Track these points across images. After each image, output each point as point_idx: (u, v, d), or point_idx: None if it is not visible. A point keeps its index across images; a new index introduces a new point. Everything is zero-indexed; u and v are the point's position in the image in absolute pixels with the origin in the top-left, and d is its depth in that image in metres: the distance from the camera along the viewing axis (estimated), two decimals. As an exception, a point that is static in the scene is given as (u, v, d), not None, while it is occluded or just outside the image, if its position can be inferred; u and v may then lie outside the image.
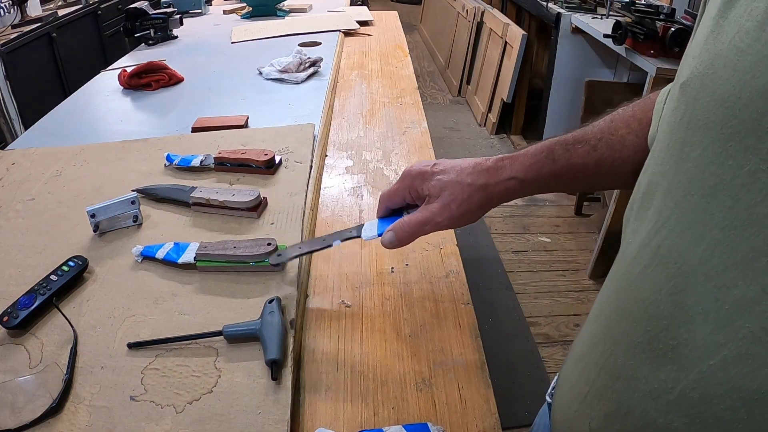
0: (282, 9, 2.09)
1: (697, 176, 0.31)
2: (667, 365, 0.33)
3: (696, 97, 0.31)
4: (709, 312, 0.30)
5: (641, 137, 0.49)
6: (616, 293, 0.39)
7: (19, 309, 0.61)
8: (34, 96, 2.21)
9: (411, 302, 0.67)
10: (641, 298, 0.35)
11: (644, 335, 0.34)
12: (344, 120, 1.18)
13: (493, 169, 0.53)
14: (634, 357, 0.35)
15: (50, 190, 0.88)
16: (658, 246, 0.34)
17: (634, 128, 0.50)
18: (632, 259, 0.36)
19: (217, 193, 0.79)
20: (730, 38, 0.29)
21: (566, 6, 2.58)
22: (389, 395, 0.55)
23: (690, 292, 0.31)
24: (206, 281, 0.68)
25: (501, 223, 2.53)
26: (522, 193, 0.53)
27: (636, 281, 0.36)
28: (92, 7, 2.75)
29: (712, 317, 0.30)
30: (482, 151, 3.19)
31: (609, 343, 0.39)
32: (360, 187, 0.92)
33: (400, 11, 2.39)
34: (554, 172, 0.52)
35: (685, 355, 0.31)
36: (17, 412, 0.52)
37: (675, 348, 0.32)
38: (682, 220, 0.32)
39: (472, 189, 0.52)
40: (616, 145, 0.50)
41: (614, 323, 0.38)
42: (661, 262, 0.33)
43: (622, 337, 0.37)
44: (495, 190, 0.52)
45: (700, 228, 0.30)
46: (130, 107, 1.27)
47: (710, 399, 0.30)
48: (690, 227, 0.31)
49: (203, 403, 0.52)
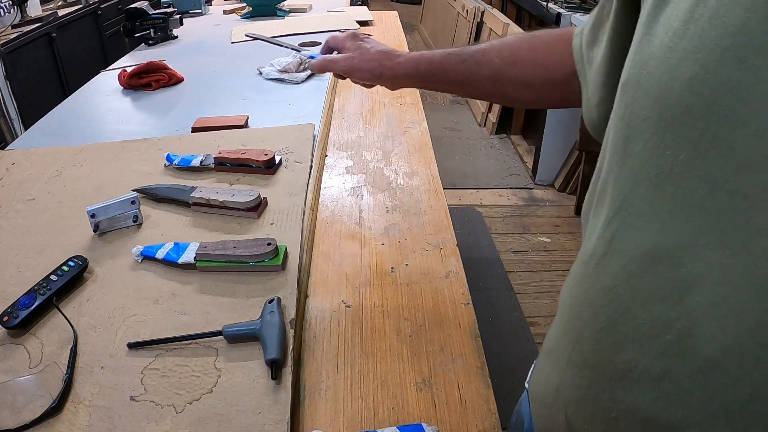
0: (282, 9, 2.09)
1: (642, 169, 0.33)
2: (629, 346, 0.34)
3: (634, 96, 0.34)
4: (662, 292, 0.32)
5: (505, 63, 0.62)
6: (578, 286, 0.41)
7: (19, 309, 0.62)
8: (34, 96, 2.21)
9: (411, 302, 0.67)
10: (601, 287, 0.37)
11: (606, 320, 0.36)
12: (344, 120, 1.18)
13: (392, 54, 0.68)
14: (599, 343, 0.37)
15: (50, 190, 0.88)
16: (612, 236, 0.36)
17: (503, 55, 0.62)
18: (590, 252, 0.39)
19: (217, 193, 0.79)
20: (660, 39, 0.32)
21: (566, 6, 2.58)
22: (389, 395, 0.55)
23: (644, 275, 0.33)
24: (206, 281, 0.68)
25: (501, 223, 2.53)
26: (405, 80, 0.68)
27: (595, 272, 0.38)
28: (92, 7, 2.75)
29: (666, 296, 0.32)
30: (482, 151, 3.19)
31: (574, 332, 0.41)
32: (360, 187, 0.92)
33: (400, 11, 2.39)
34: (429, 71, 0.66)
35: (645, 333, 0.33)
36: (17, 412, 0.52)
37: (635, 329, 0.34)
38: (631, 210, 0.34)
39: (372, 58, 0.69)
40: (482, 64, 0.63)
41: (578, 314, 0.40)
42: (616, 251, 0.35)
43: (586, 326, 0.39)
44: (385, 66, 0.68)
45: (648, 215, 0.33)
46: (130, 107, 1.27)
47: (669, 372, 0.32)
48: (639, 215, 0.33)
49: (203, 403, 0.52)
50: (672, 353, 0.32)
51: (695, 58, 0.29)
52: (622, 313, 0.35)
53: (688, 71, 0.29)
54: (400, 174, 0.95)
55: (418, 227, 0.81)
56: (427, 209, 0.85)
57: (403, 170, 0.97)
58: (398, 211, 0.85)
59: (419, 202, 0.87)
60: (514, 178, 2.92)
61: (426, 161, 0.99)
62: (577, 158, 2.61)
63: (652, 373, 0.33)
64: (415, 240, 0.78)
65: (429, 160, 1.00)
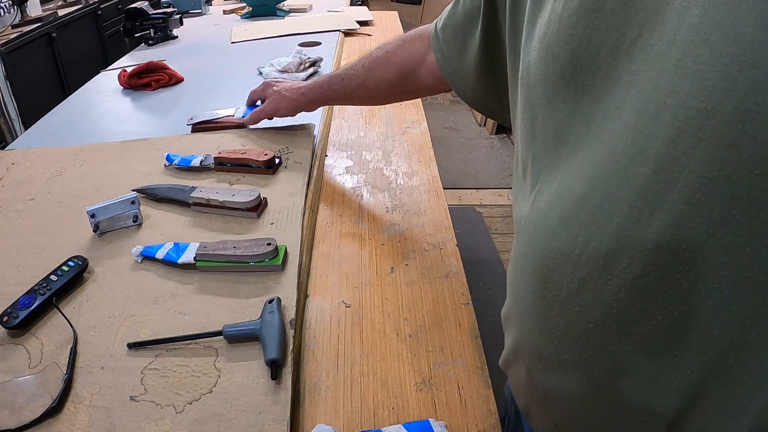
0: (282, 9, 2.09)
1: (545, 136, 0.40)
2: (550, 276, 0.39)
3: (528, 84, 0.42)
4: (562, 218, 0.38)
5: (366, 69, 0.79)
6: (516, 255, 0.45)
7: (19, 309, 0.62)
8: (34, 96, 2.21)
9: (411, 302, 0.67)
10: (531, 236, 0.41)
11: (535, 263, 0.41)
12: (344, 120, 1.18)
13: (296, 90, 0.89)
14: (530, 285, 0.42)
15: (50, 190, 0.88)
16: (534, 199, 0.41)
17: (365, 64, 0.79)
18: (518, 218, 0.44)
19: (217, 193, 0.79)
20: (536, 38, 0.41)
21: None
22: (389, 395, 0.55)
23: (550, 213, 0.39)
24: (206, 281, 0.68)
25: (501, 223, 2.53)
26: (313, 105, 0.90)
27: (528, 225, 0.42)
28: (92, 7, 2.75)
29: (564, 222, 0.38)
30: (482, 151, 3.19)
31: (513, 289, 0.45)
32: (360, 187, 0.92)
33: (400, 11, 2.39)
34: (322, 94, 0.86)
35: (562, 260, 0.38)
36: (17, 412, 0.52)
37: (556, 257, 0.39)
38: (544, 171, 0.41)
39: (284, 97, 0.91)
40: (353, 77, 0.80)
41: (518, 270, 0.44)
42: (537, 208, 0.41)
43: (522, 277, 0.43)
44: (297, 101, 0.89)
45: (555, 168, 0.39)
46: (130, 107, 1.27)
47: None
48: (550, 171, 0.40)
49: (203, 403, 0.52)
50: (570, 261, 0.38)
51: (558, 36, 0.38)
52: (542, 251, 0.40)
53: (555, 48, 0.38)
54: (400, 174, 0.95)
55: (418, 227, 0.81)
56: (427, 209, 0.85)
57: (403, 170, 0.97)
58: (398, 211, 0.85)
59: (419, 202, 0.87)
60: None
61: (426, 161, 0.99)
62: (577, 158, 2.61)
63: (572, 289, 0.38)
64: (415, 240, 0.78)
65: (429, 160, 1.00)
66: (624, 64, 0.34)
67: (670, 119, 0.31)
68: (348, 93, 0.82)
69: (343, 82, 0.82)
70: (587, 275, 0.36)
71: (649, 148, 0.32)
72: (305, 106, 0.89)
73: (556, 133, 0.39)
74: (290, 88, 0.90)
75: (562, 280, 0.38)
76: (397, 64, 0.75)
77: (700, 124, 0.29)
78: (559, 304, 0.39)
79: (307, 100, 0.88)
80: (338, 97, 0.85)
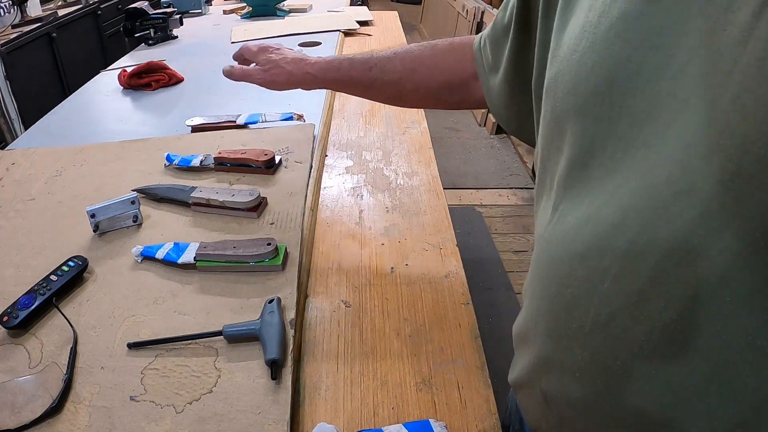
0: (282, 9, 2.09)
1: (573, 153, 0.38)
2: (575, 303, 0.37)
3: (555, 96, 0.39)
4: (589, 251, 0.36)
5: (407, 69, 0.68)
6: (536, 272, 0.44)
7: (19, 309, 0.62)
8: (34, 96, 2.21)
9: (411, 302, 0.67)
10: (554, 256, 0.40)
11: (556, 287, 0.39)
12: (344, 120, 1.18)
13: (302, 62, 0.74)
14: (550, 310, 0.40)
15: (50, 190, 0.88)
16: (559, 218, 0.40)
17: (406, 63, 0.68)
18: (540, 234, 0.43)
19: (217, 193, 0.79)
20: (566, 47, 0.39)
21: (566, 6, 2.58)
22: (389, 395, 0.55)
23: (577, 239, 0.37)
24: (206, 281, 0.68)
25: (501, 223, 2.53)
26: (314, 84, 0.74)
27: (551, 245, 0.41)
28: (92, 7, 2.75)
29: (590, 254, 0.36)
30: (482, 151, 3.19)
31: (534, 306, 0.43)
32: (360, 187, 0.92)
33: (400, 11, 2.39)
34: (336, 78, 0.72)
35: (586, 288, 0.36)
36: (17, 412, 0.52)
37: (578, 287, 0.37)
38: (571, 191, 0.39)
39: (283, 70, 0.75)
40: (386, 71, 0.68)
41: (537, 289, 0.42)
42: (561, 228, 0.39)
43: (542, 298, 0.41)
44: (297, 75, 0.74)
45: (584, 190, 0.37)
46: (130, 107, 1.27)
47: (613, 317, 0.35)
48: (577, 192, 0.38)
49: (203, 403, 0.52)
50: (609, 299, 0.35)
51: (593, 49, 0.35)
52: (566, 276, 0.38)
53: (589, 61, 0.35)
54: (400, 174, 0.95)
55: (418, 227, 0.81)
56: (427, 209, 0.85)
57: (403, 170, 0.97)
58: (398, 211, 0.85)
59: (419, 202, 0.87)
60: (514, 178, 2.92)
61: (426, 161, 0.99)
62: (577, 158, 2.61)
63: (599, 322, 0.36)
64: (415, 240, 0.78)
65: (429, 160, 1.00)
66: (670, 89, 0.31)
67: (723, 161, 0.28)
68: (373, 85, 0.70)
69: (371, 73, 0.69)
70: (617, 311, 0.34)
71: (697, 188, 0.29)
72: (309, 85, 0.75)
73: (587, 152, 0.36)
74: (293, 60, 0.75)
75: (589, 311, 0.36)
76: (445, 71, 0.66)
77: (758, 171, 0.27)
78: (584, 336, 0.37)
79: (315, 81, 0.74)
80: (357, 86, 0.72)
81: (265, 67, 0.76)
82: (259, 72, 0.77)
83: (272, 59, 0.76)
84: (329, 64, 0.73)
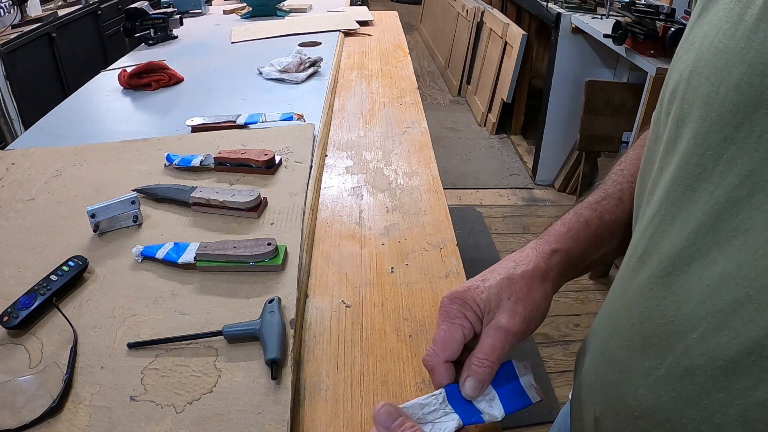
0: (282, 9, 2.09)
1: (683, 167, 0.33)
2: (656, 343, 0.34)
3: (684, 96, 0.34)
4: (693, 289, 0.32)
5: None
6: (619, 281, 0.40)
7: (19, 309, 0.61)
8: (34, 96, 2.21)
9: (411, 302, 0.67)
10: (637, 284, 0.37)
11: (638, 317, 0.36)
12: (344, 120, 1.18)
13: (532, 252, 0.48)
14: (629, 339, 0.37)
15: (50, 190, 0.88)
16: (652, 234, 0.36)
17: None
18: (633, 248, 0.39)
19: (217, 193, 0.79)
20: (710, 40, 0.33)
21: (566, 6, 2.58)
22: (389, 395, 0.55)
23: (678, 273, 0.33)
24: (206, 281, 0.68)
25: (501, 223, 2.53)
26: (573, 267, 0.49)
27: (633, 269, 0.38)
28: (92, 7, 2.75)
29: (696, 294, 0.32)
30: (482, 151, 3.19)
31: (609, 329, 0.40)
32: (360, 187, 0.92)
33: (400, 11, 2.39)
34: (591, 234, 0.49)
35: (672, 332, 0.33)
36: (17, 412, 0.52)
37: (663, 326, 0.34)
38: (671, 208, 0.34)
39: (528, 278, 0.46)
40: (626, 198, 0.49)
41: (615, 310, 0.40)
42: (654, 249, 0.35)
43: (620, 322, 0.39)
44: (547, 269, 0.47)
45: (686, 213, 0.33)
46: (130, 107, 1.27)
47: (694, 371, 0.32)
48: (678, 213, 0.34)
49: (203, 403, 0.53)
50: (697, 352, 0.32)
51: (743, 59, 0.29)
52: (653, 310, 0.34)
53: (736, 72, 0.30)
54: (400, 174, 0.95)
55: (418, 227, 0.81)
56: (427, 209, 0.85)
57: (403, 170, 0.97)
58: (398, 211, 0.85)
59: (419, 202, 0.87)
60: (514, 178, 2.92)
61: (426, 161, 0.99)
62: (577, 158, 2.61)
63: (676, 372, 0.33)
64: (415, 240, 0.78)
65: (429, 160, 1.00)
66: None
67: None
68: None
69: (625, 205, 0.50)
70: None
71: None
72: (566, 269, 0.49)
73: (702, 174, 0.32)
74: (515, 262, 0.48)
75: None
76: None
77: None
78: None
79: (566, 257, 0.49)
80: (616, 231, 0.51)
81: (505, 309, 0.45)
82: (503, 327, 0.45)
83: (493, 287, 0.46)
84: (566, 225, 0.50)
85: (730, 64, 0.30)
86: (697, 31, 0.35)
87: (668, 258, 0.34)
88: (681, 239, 0.33)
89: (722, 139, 0.31)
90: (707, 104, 0.32)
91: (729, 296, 0.30)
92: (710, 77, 0.32)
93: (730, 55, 0.30)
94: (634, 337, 0.37)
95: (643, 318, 0.36)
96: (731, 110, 0.30)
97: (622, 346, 0.38)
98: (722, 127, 0.30)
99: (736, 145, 0.30)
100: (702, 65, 0.33)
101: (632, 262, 0.38)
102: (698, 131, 0.32)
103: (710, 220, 0.31)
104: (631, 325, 0.37)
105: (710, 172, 0.31)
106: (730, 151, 0.30)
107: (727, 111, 0.30)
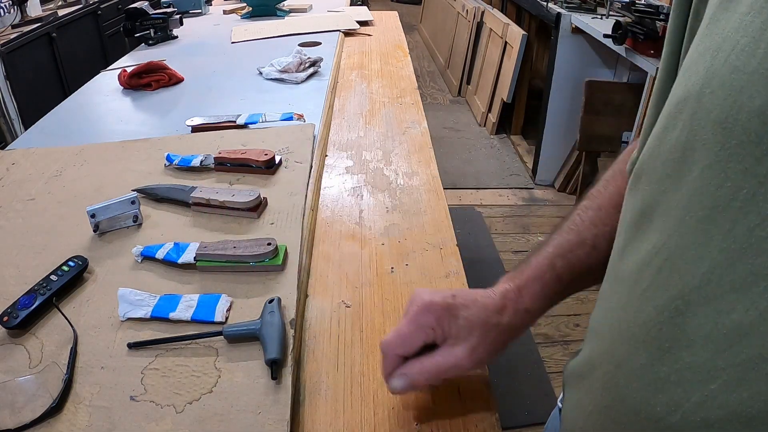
0: (282, 9, 2.09)
1: (696, 198, 0.30)
2: (670, 388, 0.32)
3: (693, 116, 0.31)
4: (709, 336, 0.29)
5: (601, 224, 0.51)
6: (617, 314, 0.38)
7: (19, 309, 0.62)
8: (34, 96, 2.21)
9: (411, 302, 0.67)
10: (644, 320, 0.34)
11: (647, 358, 0.33)
12: (344, 120, 1.18)
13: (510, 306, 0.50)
14: (638, 380, 0.35)
15: (50, 190, 0.88)
16: (660, 267, 0.33)
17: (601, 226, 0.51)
18: (633, 280, 0.36)
19: (217, 193, 0.79)
20: (726, 55, 0.29)
21: (566, 6, 2.58)
22: (389, 395, 0.55)
23: (691, 315, 0.30)
24: (206, 281, 0.68)
25: (501, 223, 2.53)
26: (532, 321, 0.52)
27: (637, 302, 0.35)
28: (92, 7, 2.75)
29: (712, 341, 0.29)
30: (482, 151, 3.19)
31: (612, 364, 0.38)
32: (360, 187, 0.92)
33: (400, 11, 2.39)
34: (561, 291, 0.52)
35: (688, 379, 0.31)
36: (17, 412, 0.52)
37: (678, 371, 0.32)
38: (681, 242, 0.31)
39: (499, 330, 0.49)
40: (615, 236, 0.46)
41: (617, 345, 0.37)
42: (663, 284, 0.33)
43: (625, 359, 0.36)
44: (518, 327, 0.50)
45: (699, 250, 0.30)
46: (130, 107, 1.27)
47: (712, 423, 0.30)
48: (690, 249, 0.31)
49: (203, 403, 0.53)
50: (715, 405, 0.29)
51: (767, 83, 0.26)
52: (665, 352, 0.32)
53: (759, 97, 0.26)
54: (400, 174, 0.95)
55: (418, 227, 0.81)
56: (427, 209, 0.85)
57: (403, 170, 0.97)
58: (398, 211, 0.85)
59: (419, 202, 0.87)
60: (514, 178, 2.92)
61: (426, 161, 0.99)
62: (577, 158, 2.62)
63: (693, 421, 0.31)
64: (415, 240, 0.78)
65: (429, 160, 1.00)
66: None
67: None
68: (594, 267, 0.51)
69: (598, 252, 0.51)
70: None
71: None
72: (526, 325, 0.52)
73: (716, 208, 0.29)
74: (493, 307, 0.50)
75: None
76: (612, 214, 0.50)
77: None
78: None
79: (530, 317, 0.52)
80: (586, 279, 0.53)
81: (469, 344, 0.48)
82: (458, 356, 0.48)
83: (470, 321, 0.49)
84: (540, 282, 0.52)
85: (751, 86, 0.27)
86: (706, 42, 0.31)
87: (680, 297, 0.31)
88: (694, 278, 0.30)
89: (742, 171, 0.27)
90: (725, 130, 0.28)
91: (751, 350, 0.28)
92: (727, 99, 0.28)
93: (751, 76, 0.27)
94: (644, 378, 0.34)
95: (653, 359, 0.33)
96: (754, 141, 0.27)
97: (629, 385, 0.36)
98: (743, 158, 0.27)
99: (758, 179, 0.27)
100: (716, 84, 0.29)
101: (635, 295, 0.35)
102: (715, 160, 0.29)
103: (727, 261, 0.28)
104: (639, 365, 0.34)
105: (726, 207, 0.28)
106: (750, 185, 0.27)
107: (749, 141, 0.27)
